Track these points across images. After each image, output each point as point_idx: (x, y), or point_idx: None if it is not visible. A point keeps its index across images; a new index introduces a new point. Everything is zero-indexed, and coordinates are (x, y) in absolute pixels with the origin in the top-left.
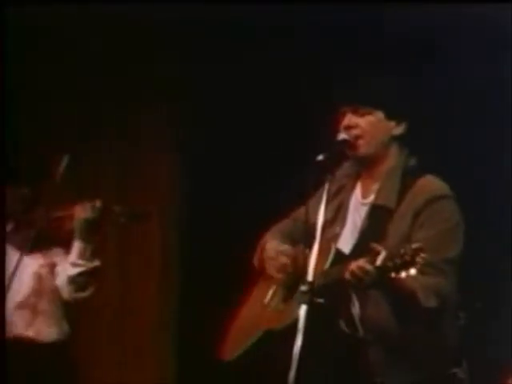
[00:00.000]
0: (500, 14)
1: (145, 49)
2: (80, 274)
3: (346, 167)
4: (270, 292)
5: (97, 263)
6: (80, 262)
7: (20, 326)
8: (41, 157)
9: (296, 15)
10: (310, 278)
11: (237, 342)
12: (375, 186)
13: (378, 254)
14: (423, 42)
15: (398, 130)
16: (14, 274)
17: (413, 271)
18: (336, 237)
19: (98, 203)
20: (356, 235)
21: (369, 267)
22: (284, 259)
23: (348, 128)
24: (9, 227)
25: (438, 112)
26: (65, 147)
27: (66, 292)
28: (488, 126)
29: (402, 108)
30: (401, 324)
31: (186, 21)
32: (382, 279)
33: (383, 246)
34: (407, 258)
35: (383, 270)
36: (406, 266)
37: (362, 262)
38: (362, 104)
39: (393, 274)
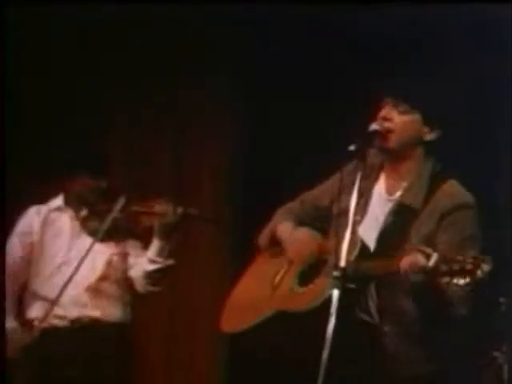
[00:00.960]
0: (500, 14)
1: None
2: (156, 271)
3: (371, 157)
4: (282, 272)
5: (172, 262)
6: (158, 259)
7: (89, 306)
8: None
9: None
10: (342, 263)
11: (242, 316)
12: (402, 184)
13: (427, 254)
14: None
15: (431, 136)
16: (83, 258)
17: (468, 280)
18: (355, 224)
19: (179, 208)
20: (377, 229)
21: (422, 266)
22: (314, 246)
23: (384, 119)
24: (83, 213)
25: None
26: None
27: (140, 284)
28: (488, 126)
29: (440, 116)
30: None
31: None
32: (430, 281)
33: (405, 246)
34: (468, 266)
35: (435, 272)
36: (463, 273)
37: (416, 259)
38: (404, 101)
39: (446, 279)
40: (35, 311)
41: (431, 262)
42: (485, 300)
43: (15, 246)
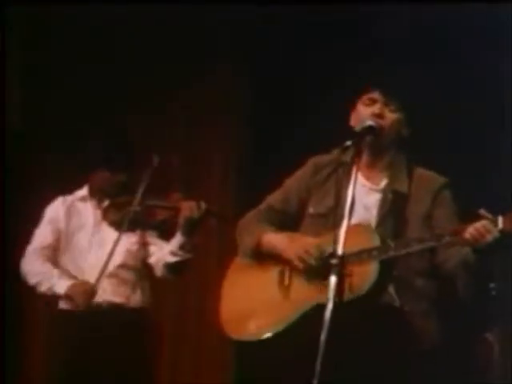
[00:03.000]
0: (500, 13)
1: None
2: (177, 262)
3: (336, 153)
4: (287, 273)
5: (191, 255)
6: (179, 252)
7: (109, 292)
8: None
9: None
10: (339, 252)
11: (260, 322)
12: (385, 174)
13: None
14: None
15: (407, 133)
16: (100, 244)
17: None
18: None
19: (203, 204)
20: (373, 218)
21: (492, 229)
22: (315, 253)
23: (377, 116)
24: (105, 204)
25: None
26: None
27: (160, 272)
28: (488, 126)
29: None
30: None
31: None
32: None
33: (406, 229)
34: None
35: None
36: None
37: (485, 223)
38: (394, 99)
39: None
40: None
41: (500, 224)
42: (477, 286)
43: (45, 233)
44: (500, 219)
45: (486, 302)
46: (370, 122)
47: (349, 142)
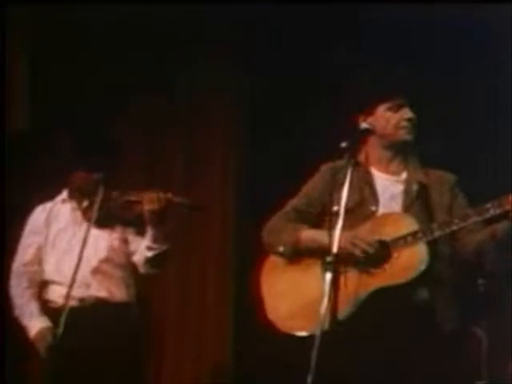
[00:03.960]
0: (500, 14)
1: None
2: (155, 256)
3: (342, 161)
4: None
5: (168, 246)
6: (154, 245)
7: (94, 287)
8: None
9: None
10: (334, 250)
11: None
12: (403, 167)
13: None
14: (423, 41)
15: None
16: (83, 242)
17: None
18: (373, 213)
19: (161, 194)
20: (399, 208)
21: None
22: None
23: (408, 120)
24: (84, 204)
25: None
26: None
27: (143, 269)
28: (488, 126)
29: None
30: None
31: None
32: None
33: (432, 217)
34: None
35: None
36: None
37: None
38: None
39: None
40: (50, 296)
41: None
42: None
43: (25, 247)
44: None
45: (474, 297)
46: (365, 125)
47: (344, 144)
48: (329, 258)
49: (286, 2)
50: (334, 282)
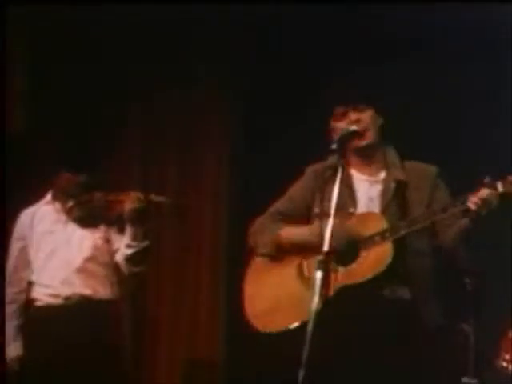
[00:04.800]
0: (500, 14)
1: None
2: (134, 253)
3: (331, 159)
4: (305, 265)
5: (147, 243)
6: (133, 243)
7: (79, 285)
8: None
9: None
10: (326, 248)
11: (288, 314)
12: (382, 166)
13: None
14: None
15: (381, 120)
16: (67, 242)
17: None
18: (351, 215)
19: (140, 195)
20: (377, 208)
21: (493, 194)
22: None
23: (356, 122)
24: (69, 204)
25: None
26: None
27: (125, 268)
28: (488, 126)
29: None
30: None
31: None
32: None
33: (409, 213)
34: None
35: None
36: None
37: (485, 190)
38: (360, 102)
39: None
40: (35, 295)
41: (500, 188)
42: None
43: (12, 252)
44: (499, 184)
45: (462, 295)
46: (353, 127)
47: (334, 146)
48: (320, 257)
49: (285, 2)
50: (306, 281)
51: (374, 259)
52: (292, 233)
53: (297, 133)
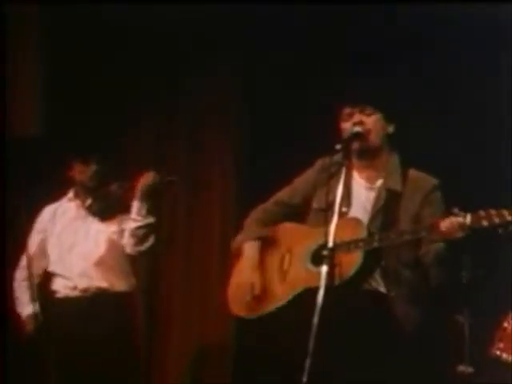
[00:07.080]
0: (500, 14)
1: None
2: (137, 228)
3: (336, 158)
4: (287, 259)
5: (151, 220)
6: (137, 217)
7: (96, 278)
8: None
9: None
10: (330, 244)
11: (260, 302)
12: (381, 174)
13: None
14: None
15: (391, 129)
16: (86, 236)
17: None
18: (344, 214)
19: (155, 173)
20: (367, 215)
21: (462, 224)
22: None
23: (359, 124)
24: (88, 202)
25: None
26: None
27: (128, 246)
28: (488, 126)
29: (396, 110)
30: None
31: None
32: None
33: (395, 225)
34: (508, 218)
35: (477, 228)
36: (505, 224)
37: (455, 220)
38: (368, 105)
39: (500, 231)
40: (55, 286)
41: (468, 220)
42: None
43: (32, 243)
44: (468, 217)
45: (457, 288)
46: (356, 129)
47: (338, 146)
48: (325, 252)
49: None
50: (283, 274)
51: (344, 267)
52: (281, 227)
53: (304, 131)
